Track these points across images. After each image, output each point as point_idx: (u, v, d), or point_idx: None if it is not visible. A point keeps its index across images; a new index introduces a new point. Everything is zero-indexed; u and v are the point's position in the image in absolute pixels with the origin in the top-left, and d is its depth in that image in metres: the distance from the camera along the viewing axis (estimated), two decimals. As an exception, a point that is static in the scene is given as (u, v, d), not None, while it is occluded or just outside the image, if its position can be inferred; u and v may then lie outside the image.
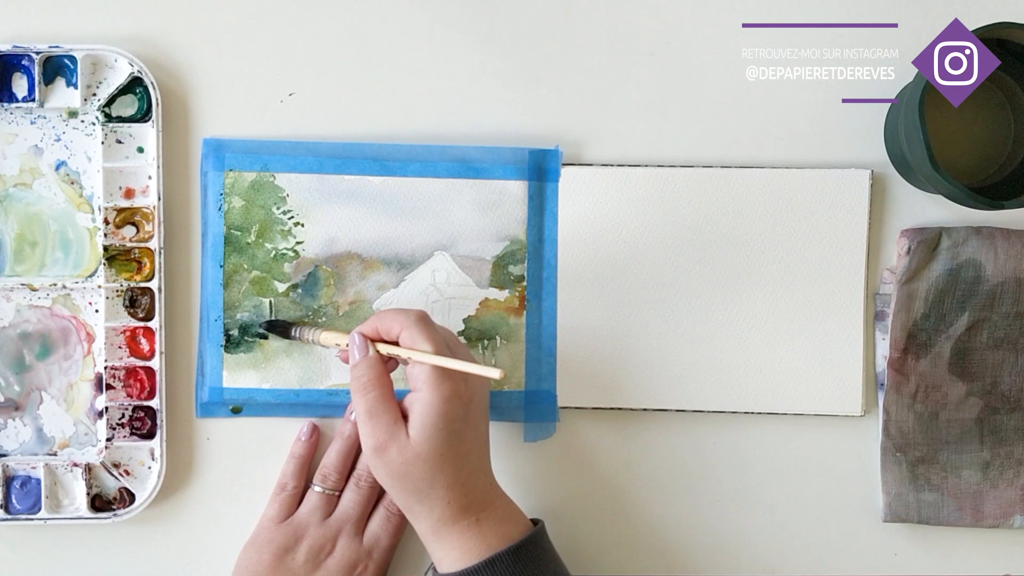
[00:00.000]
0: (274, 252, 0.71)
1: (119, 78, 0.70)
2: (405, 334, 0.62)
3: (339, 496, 0.70)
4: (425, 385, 0.61)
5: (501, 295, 0.72)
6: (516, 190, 0.71)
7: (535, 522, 0.65)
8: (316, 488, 0.70)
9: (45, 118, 0.71)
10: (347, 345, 0.65)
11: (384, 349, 0.63)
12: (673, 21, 0.72)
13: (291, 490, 0.70)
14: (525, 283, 0.72)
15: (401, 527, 0.70)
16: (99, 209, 0.71)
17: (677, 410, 0.72)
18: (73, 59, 0.70)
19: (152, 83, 0.70)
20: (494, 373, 0.60)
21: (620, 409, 0.72)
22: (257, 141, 0.71)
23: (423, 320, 0.63)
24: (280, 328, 0.70)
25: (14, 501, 0.71)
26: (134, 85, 0.70)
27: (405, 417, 0.62)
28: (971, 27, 0.64)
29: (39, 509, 0.71)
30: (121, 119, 0.71)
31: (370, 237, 0.71)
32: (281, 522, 0.69)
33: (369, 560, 0.69)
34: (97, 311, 0.71)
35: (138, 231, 0.71)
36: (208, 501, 0.72)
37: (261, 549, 0.68)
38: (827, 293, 0.72)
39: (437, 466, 0.61)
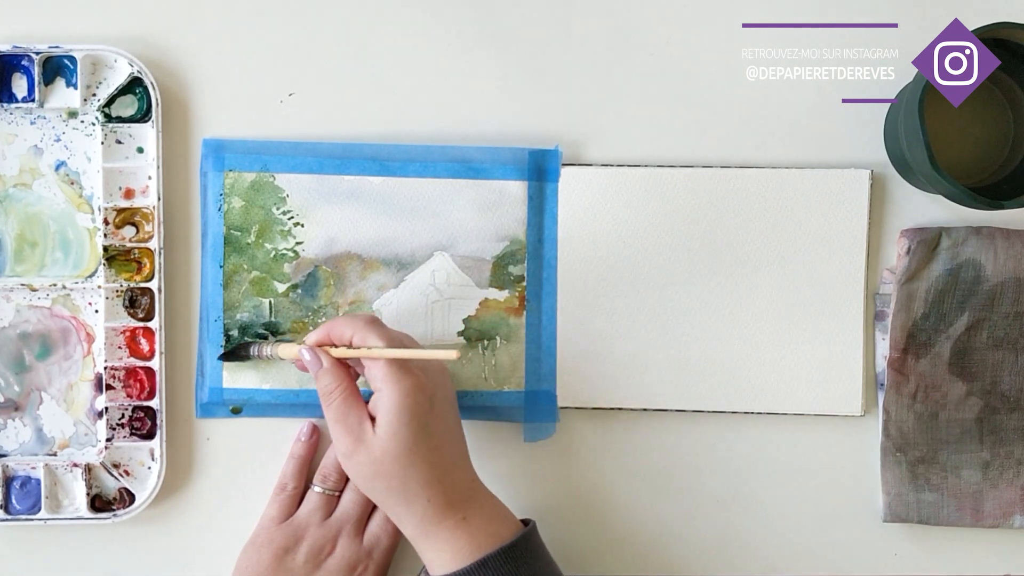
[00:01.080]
0: (274, 252, 0.71)
1: (119, 78, 0.70)
2: (356, 336, 0.63)
3: (339, 496, 0.70)
4: (384, 383, 0.61)
5: (501, 295, 0.72)
6: (516, 190, 0.71)
7: (525, 522, 0.65)
8: (316, 488, 0.70)
9: (45, 118, 0.71)
10: (295, 355, 0.65)
11: (337, 353, 0.64)
12: (673, 21, 0.72)
13: (291, 490, 0.70)
14: (525, 283, 0.72)
15: (401, 527, 0.71)
16: (99, 209, 0.71)
17: (677, 410, 0.72)
18: (73, 59, 0.70)
19: (152, 83, 0.70)
20: (450, 355, 0.60)
21: (620, 409, 0.72)
22: (257, 141, 0.71)
23: (373, 321, 0.64)
24: (237, 354, 0.70)
25: (14, 501, 0.71)
26: (134, 85, 0.70)
27: (373, 420, 0.62)
28: (971, 27, 0.64)
29: (39, 509, 0.71)
30: (121, 119, 0.71)
31: (370, 237, 0.71)
32: (281, 522, 0.69)
33: (369, 560, 0.69)
34: (97, 311, 0.71)
35: (138, 231, 0.71)
36: (208, 501, 0.72)
37: (261, 549, 0.68)
38: (827, 293, 0.72)
39: (408, 463, 0.61)
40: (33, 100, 0.70)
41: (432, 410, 0.62)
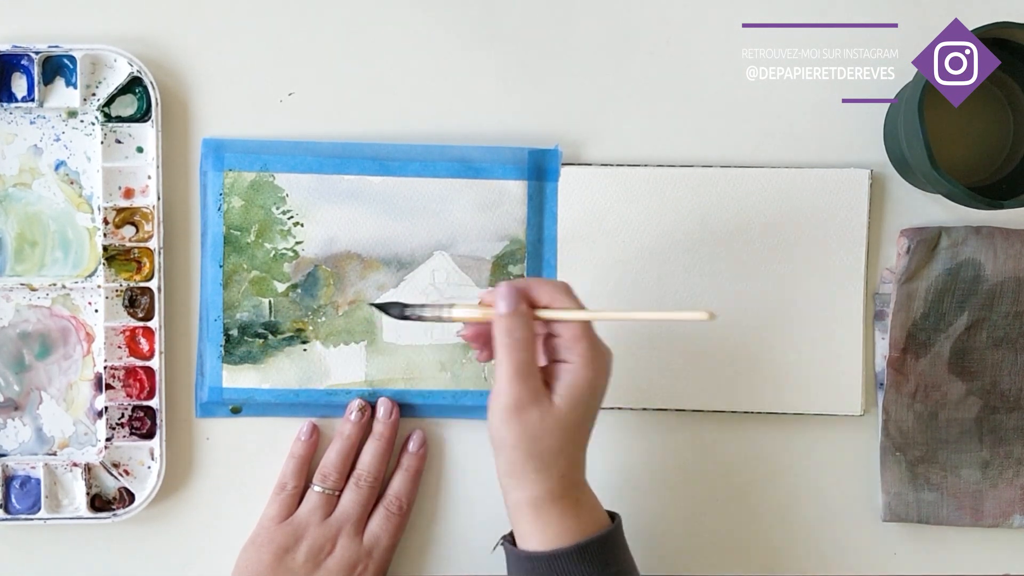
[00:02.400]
0: (274, 252, 0.71)
1: (118, 78, 0.70)
2: (556, 302, 0.60)
3: (339, 496, 0.70)
4: (580, 358, 0.60)
5: (501, 295, 0.72)
6: (516, 190, 0.71)
7: (612, 515, 0.64)
8: (316, 488, 0.70)
9: (45, 118, 0.71)
10: (481, 316, 0.62)
11: (546, 314, 0.60)
12: (673, 21, 0.72)
13: (291, 490, 0.70)
14: (525, 283, 0.72)
15: (401, 527, 0.70)
16: (99, 209, 0.71)
17: (677, 410, 0.72)
18: (72, 59, 0.70)
19: (151, 83, 0.70)
20: (700, 315, 0.57)
21: (620, 409, 0.72)
22: (257, 141, 0.71)
23: (570, 291, 0.61)
24: (400, 310, 0.64)
25: (14, 501, 0.71)
26: (133, 85, 0.70)
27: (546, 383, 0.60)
28: (971, 27, 0.64)
29: (39, 509, 0.71)
30: (120, 119, 0.71)
31: (370, 237, 0.71)
32: (281, 522, 0.69)
33: (369, 560, 0.69)
34: (97, 311, 0.71)
35: (137, 231, 0.71)
36: (208, 501, 0.72)
37: (261, 549, 0.68)
38: (827, 293, 0.72)
39: (571, 437, 0.60)
40: (33, 100, 0.70)
41: (604, 393, 0.62)
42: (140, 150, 0.71)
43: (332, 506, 0.70)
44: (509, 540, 0.62)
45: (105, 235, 0.70)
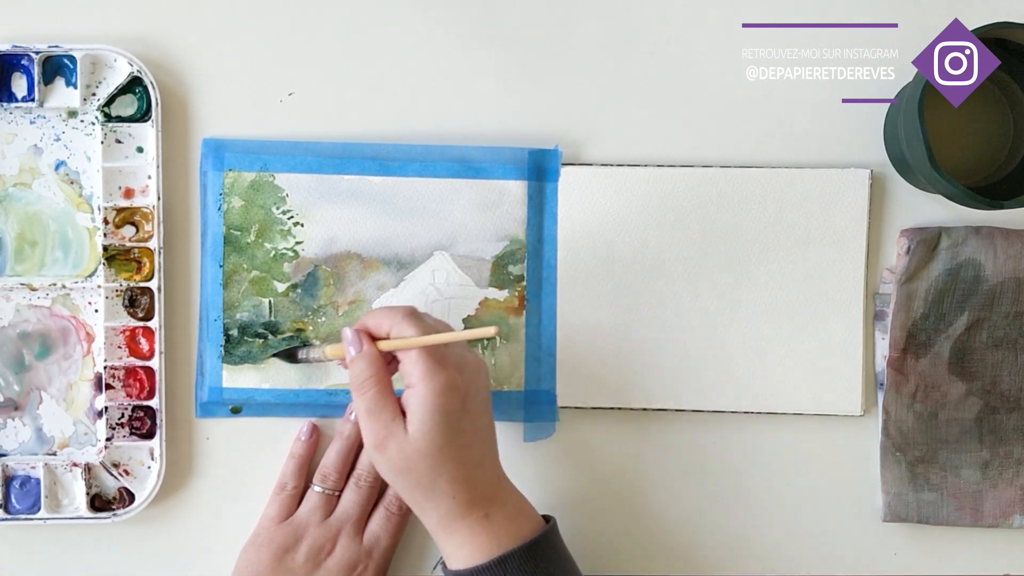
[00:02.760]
0: (274, 252, 0.71)
1: (119, 78, 0.70)
2: (394, 328, 0.62)
3: (339, 496, 0.70)
4: (420, 380, 0.60)
5: (501, 295, 0.72)
6: (516, 190, 0.71)
7: (547, 519, 0.65)
8: (316, 488, 0.70)
9: (45, 118, 0.71)
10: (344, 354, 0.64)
11: (381, 345, 0.63)
12: (673, 21, 0.72)
13: (291, 490, 0.70)
14: (525, 283, 0.72)
15: (401, 527, 0.70)
16: (99, 209, 0.71)
17: (677, 410, 0.72)
18: (73, 59, 0.70)
19: (152, 83, 0.70)
20: (487, 332, 0.59)
21: (620, 409, 0.72)
22: (257, 141, 0.71)
23: (412, 314, 0.62)
24: (290, 355, 0.71)
25: (14, 501, 0.71)
26: (134, 85, 0.70)
27: (405, 414, 0.62)
28: (971, 27, 0.64)
29: (39, 509, 0.71)
30: (121, 119, 0.71)
31: (370, 237, 0.71)
32: (281, 522, 0.69)
33: (369, 560, 0.69)
34: (97, 311, 0.71)
35: (138, 231, 0.71)
36: (208, 501, 0.72)
37: (261, 549, 0.68)
38: (827, 293, 0.72)
39: (438, 461, 0.60)
40: (33, 99, 0.70)
41: (464, 409, 0.61)
42: (140, 150, 0.71)
43: (332, 506, 0.70)
44: (442, 561, 0.64)
45: (105, 235, 0.70)
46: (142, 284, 0.71)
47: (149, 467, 0.71)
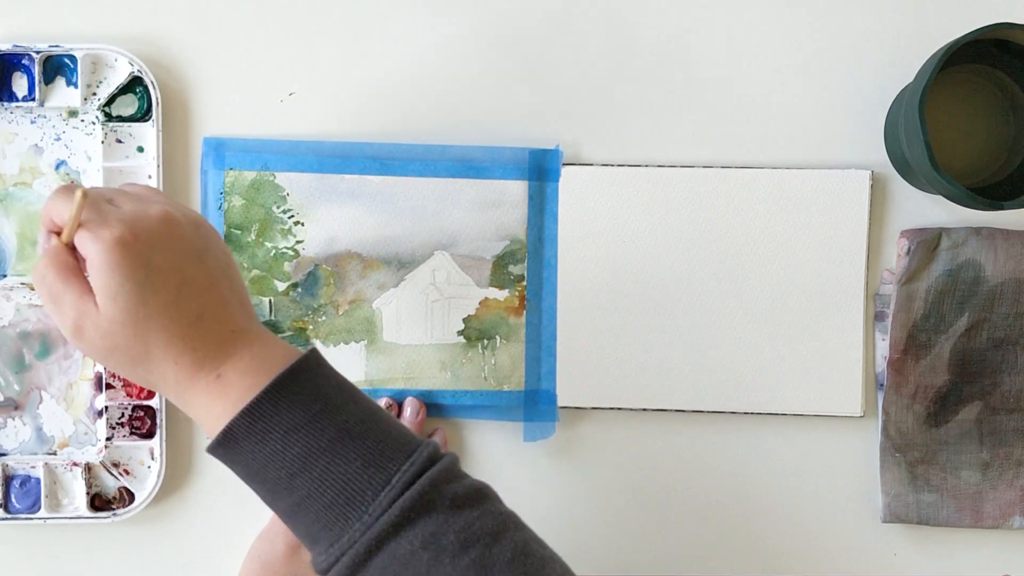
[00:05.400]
0: (274, 251, 0.71)
1: (119, 77, 0.70)
2: (53, 213, 0.54)
3: None
4: (84, 244, 0.52)
5: (501, 295, 0.72)
6: (516, 190, 0.71)
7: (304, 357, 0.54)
8: None
9: (45, 117, 0.71)
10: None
11: (65, 235, 0.54)
12: (673, 21, 0.72)
13: None
14: (525, 283, 0.72)
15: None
16: (99, 208, 0.71)
17: (677, 410, 0.72)
18: (73, 58, 0.70)
19: (152, 82, 0.70)
20: (75, 195, 0.52)
21: (620, 409, 0.72)
22: (257, 140, 0.71)
23: (62, 189, 0.54)
24: None
25: (14, 500, 0.71)
26: (134, 84, 0.70)
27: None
28: (971, 27, 0.64)
29: (39, 508, 0.71)
30: (121, 118, 0.71)
31: (370, 236, 0.71)
32: None
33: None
34: (97, 310, 0.71)
35: (138, 230, 0.71)
36: (207, 501, 0.72)
37: (275, 540, 0.68)
38: (827, 293, 0.72)
39: (142, 325, 0.52)
40: (33, 99, 0.70)
41: (151, 261, 0.52)
42: (141, 150, 0.71)
43: None
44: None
45: (105, 234, 0.70)
46: (142, 283, 0.71)
47: (149, 467, 0.71)
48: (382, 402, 0.71)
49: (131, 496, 0.71)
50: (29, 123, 0.71)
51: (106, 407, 0.71)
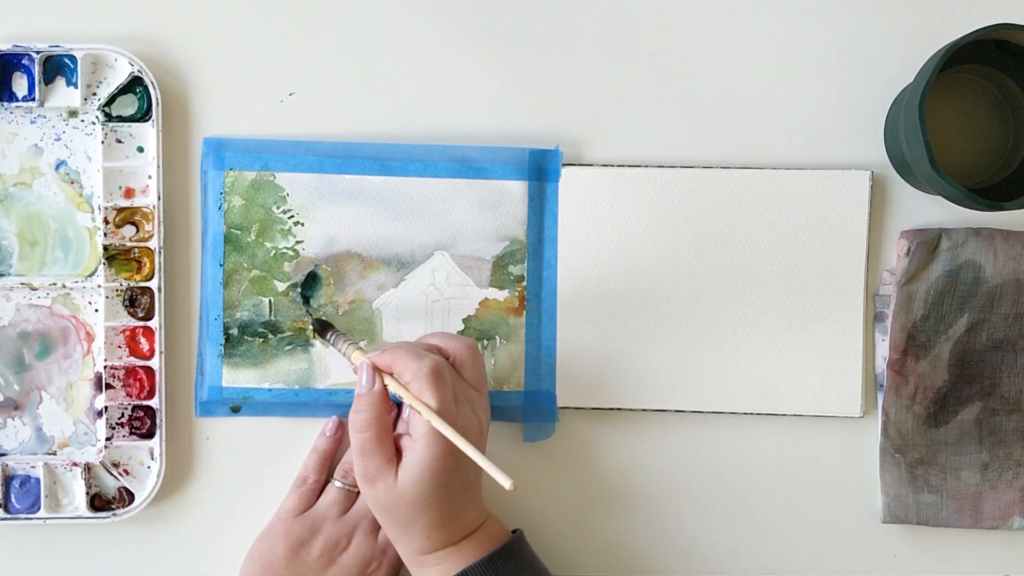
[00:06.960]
0: (274, 251, 0.71)
1: (119, 78, 0.70)
2: (415, 385, 0.62)
3: (358, 493, 0.70)
4: (421, 439, 0.61)
5: (501, 295, 0.72)
6: (516, 190, 0.71)
7: (515, 532, 0.65)
8: (336, 483, 0.70)
9: (45, 117, 0.71)
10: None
11: (392, 387, 0.63)
12: (673, 21, 0.72)
13: (311, 483, 0.70)
14: (525, 283, 0.72)
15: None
16: (99, 208, 0.71)
17: (677, 411, 0.72)
18: (73, 58, 0.70)
19: (152, 82, 0.70)
20: (505, 482, 0.58)
21: (620, 409, 0.72)
22: (257, 140, 0.71)
23: (435, 373, 0.61)
24: (324, 329, 0.70)
25: (13, 500, 0.71)
26: (134, 84, 0.70)
27: (399, 451, 0.62)
28: (972, 27, 0.64)
29: (38, 508, 0.71)
30: (121, 118, 0.71)
31: (370, 236, 0.71)
32: (299, 515, 0.69)
33: (383, 558, 0.69)
34: (97, 310, 0.71)
35: (138, 230, 0.71)
36: (208, 501, 0.72)
37: (276, 540, 0.68)
38: (827, 294, 0.72)
39: (421, 509, 0.62)
40: (33, 99, 0.70)
41: (456, 469, 0.62)
42: (140, 150, 0.71)
43: (350, 502, 0.70)
44: None
45: (105, 235, 0.70)
46: (142, 284, 0.71)
47: (149, 467, 0.71)
48: None
49: (131, 496, 0.71)
50: (29, 123, 0.71)
51: (106, 407, 0.71)
